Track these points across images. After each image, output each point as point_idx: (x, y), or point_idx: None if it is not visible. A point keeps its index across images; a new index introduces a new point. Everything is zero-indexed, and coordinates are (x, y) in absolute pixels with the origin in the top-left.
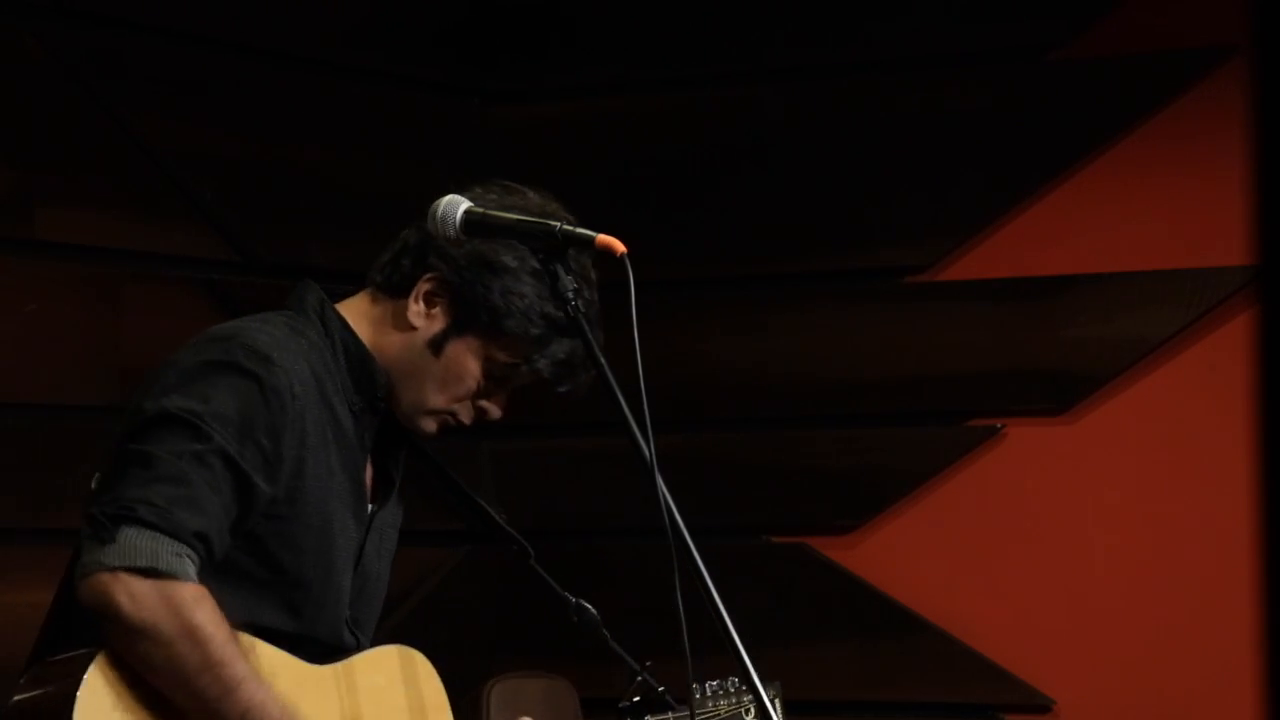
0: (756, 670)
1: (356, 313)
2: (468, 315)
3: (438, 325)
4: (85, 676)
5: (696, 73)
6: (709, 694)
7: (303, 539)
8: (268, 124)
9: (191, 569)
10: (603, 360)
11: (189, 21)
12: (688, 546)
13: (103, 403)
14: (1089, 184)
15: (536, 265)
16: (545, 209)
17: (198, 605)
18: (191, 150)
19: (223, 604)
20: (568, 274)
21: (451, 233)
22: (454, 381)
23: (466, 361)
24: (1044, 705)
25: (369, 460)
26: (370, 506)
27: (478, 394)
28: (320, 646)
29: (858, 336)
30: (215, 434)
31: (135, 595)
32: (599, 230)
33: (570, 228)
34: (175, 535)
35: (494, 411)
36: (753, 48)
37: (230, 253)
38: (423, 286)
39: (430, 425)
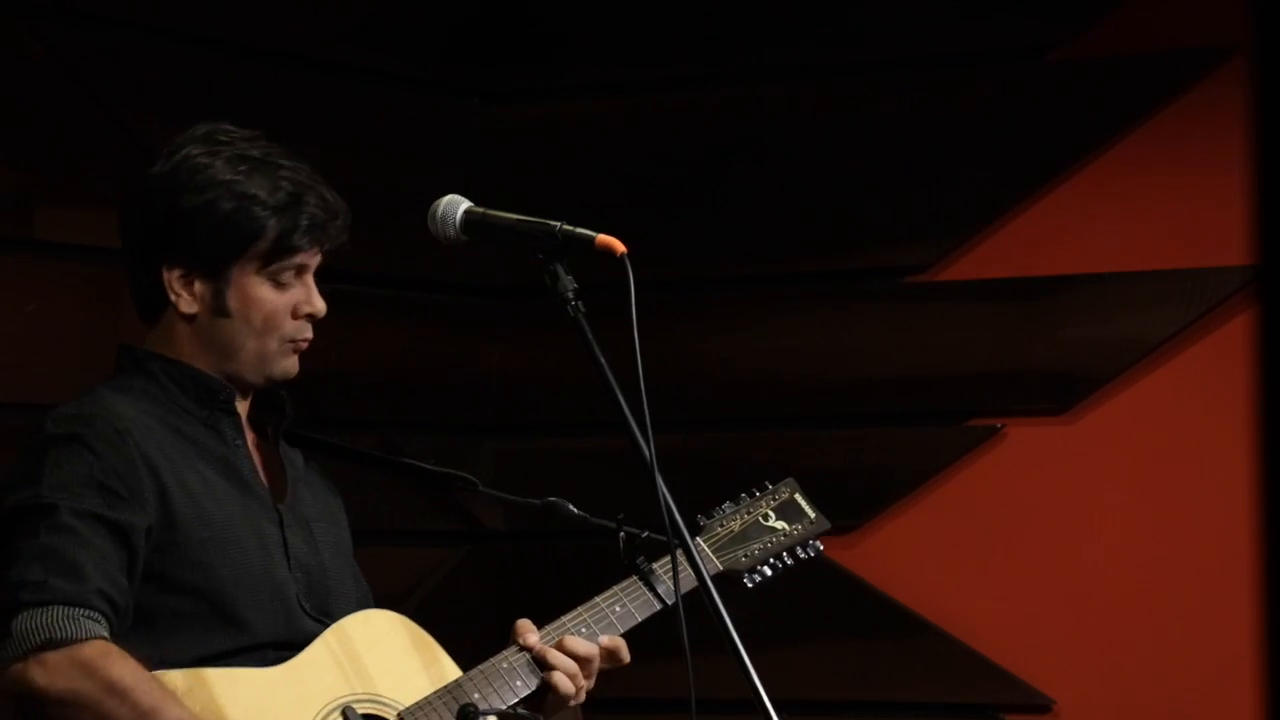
0: (756, 670)
1: (157, 343)
2: (213, 264)
3: (205, 294)
4: None
5: (696, 73)
6: (719, 517)
7: (200, 554)
8: (268, 124)
9: (95, 626)
10: (602, 360)
11: (189, 21)
12: (688, 547)
13: None
14: (1089, 184)
15: (225, 176)
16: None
17: (108, 661)
18: None
19: (169, 651)
20: (568, 274)
21: (451, 232)
22: (260, 318)
23: (252, 293)
24: (1044, 705)
25: (260, 459)
26: (276, 505)
27: (290, 306)
28: (282, 646)
29: (858, 336)
30: (59, 501)
31: (45, 670)
32: (599, 230)
33: (570, 228)
34: (63, 602)
35: (316, 307)
36: (753, 47)
37: None
38: (169, 278)
39: (285, 364)
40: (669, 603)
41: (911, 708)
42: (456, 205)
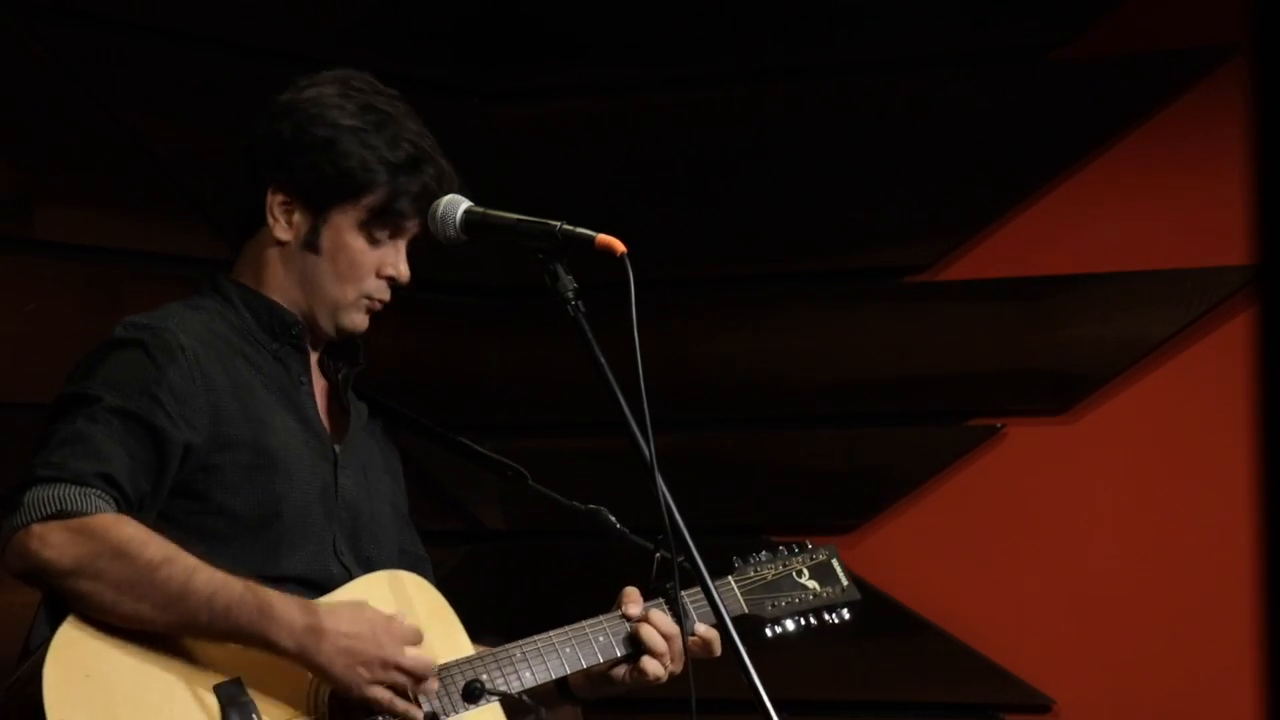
0: (756, 671)
1: (242, 268)
2: (320, 199)
3: (303, 226)
4: (48, 651)
5: (696, 73)
6: (754, 563)
7: (248, 482)
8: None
9: (104, 505)
10: (602, 360)
11: (189, 21)
12: (688, 546)
13: None
14: (1089, 184)
15: (352, 121)
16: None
17: (118, 524)
18: (191, 150)
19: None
20: (568, 274)
21: (451, 232)
22: (346, 265)
23: (345, 239)
24: (1044, 705)
25: (324, 400)
26: (335, 446)
27: (377, 265)
28: (312, 584)
29: (858, 336)
30: (104, 396)
31: (52, 542)
32: (599, 230)
33: (570, 228)
34: (76, 480)
35: (401, 273)
36: (753, 47)
37: (230, 253)
38: (272, 201)
39: (356, 318)
40: (685, 632)
41: (911, 708)
42: (456, 205)
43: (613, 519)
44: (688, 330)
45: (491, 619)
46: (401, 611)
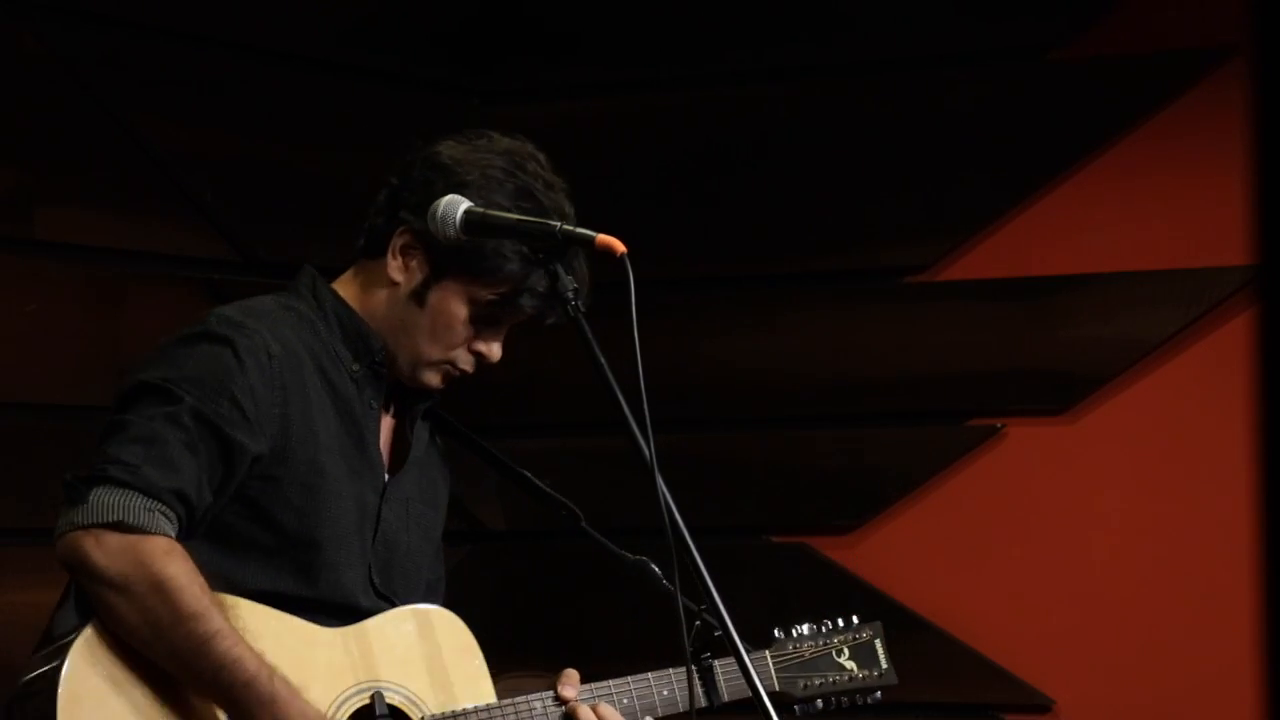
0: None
1: (347, 283)
2: (443, 261)
3: (417, 276)
4: (70, 650)
5: (696, 73)
6: (794, 638)
7: (300, 499)
8: (268, 124)
9: (165, 524)
10: (602, 360)
11: (189, 21)
12: (688, 546)
13: (103, 403)
14: (1089, 184)
15: (500, 194)
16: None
17: (168, 558)
18: (191, 150)
19: (236, 574)
20: (568, 274)
21: (451, 232)
22: (443, 329)
23: (452, 307)
24: (1044, 705)
25: (388, 429)
26: (386, 475)
27: (472, 339)
28: (339, 611)
29: (858, 336)
30: (187, 395)
31: (105, 548)
32: (599, 230)
33: (570, 228)
34: (146, 491)
35: (492, 353)
36: (753, 47)
37: (230, 253)
38: (398, 241)
39: (433, 378)
40: (711, 704)
41: (911, 708)
42: (456, 205)
43: (658, 572)
44: (688, 330)
45: (492, 619)
46: (427, 648)
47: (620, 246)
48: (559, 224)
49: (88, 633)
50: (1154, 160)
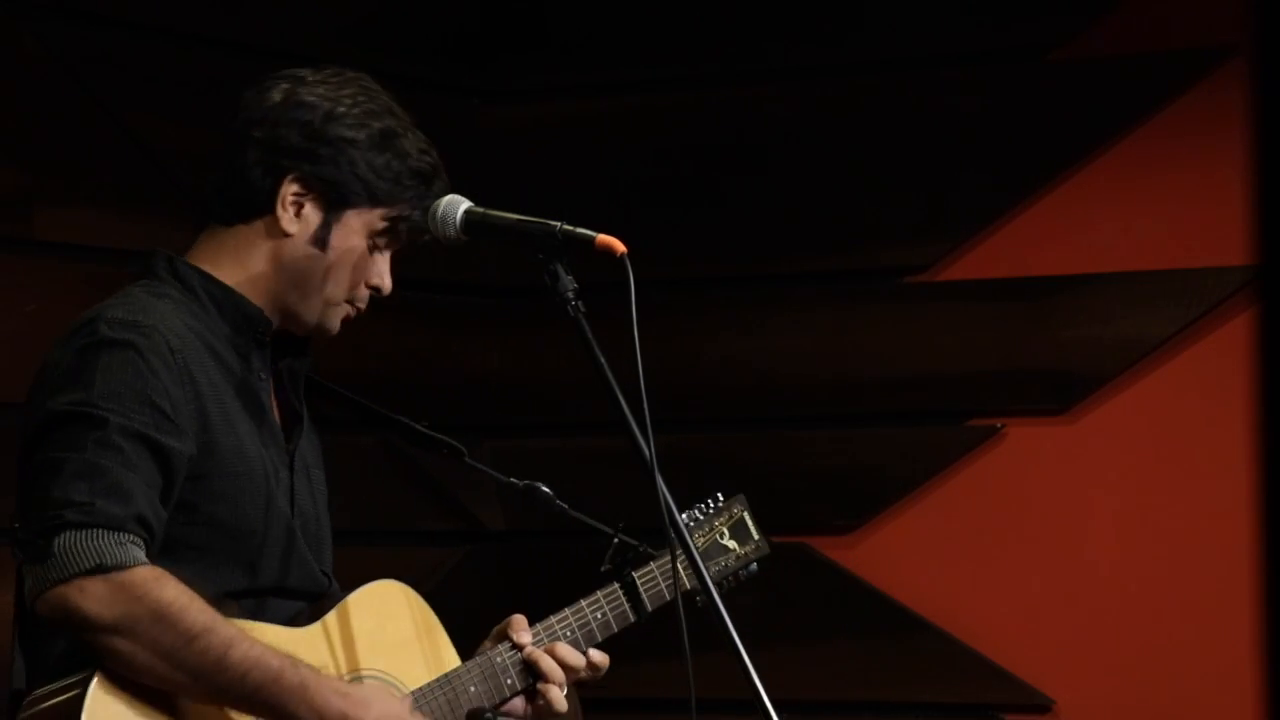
0: (756, 670)
1: (209, 257)
2: (341, 198)
3: (315, 221)
4: (85, 701)
5: (696, 73)
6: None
7: (231, 489)
8: None
9: (138, 552)
10: (602, 360)
11: (189, 21)
12: (688, 546)
13: None
14: (1089, 184)
15: (378, 126)
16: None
17: (159, 584)
18: (191, 150)
19: (186, 583)
20: (568, 274)
21: (451, 232)
22: (348, 267)
23: (353, 241)
24: (1044, 705)
25: (274, 400)
26: (288, 446)
27: (368, 272)
28: (296, 595)
29: (858, 336)
30: (109, 414)
31: (93, 596)
32: (599, 230)
33: (570, 228)
34: (108, 526)
35: (386, 283)
36: (754, 48)
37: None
38: (287, 190)
39: (336, 320)
40: (639, 618)
41: (911, 708)
42: (456, 205)
43: (552, 496)
44: (688, 330)
45: (491, 619)
46: (399, 629)
47: (620, 246)
48: (559, 224)
49: (96, 683)
50: (1154, 160)
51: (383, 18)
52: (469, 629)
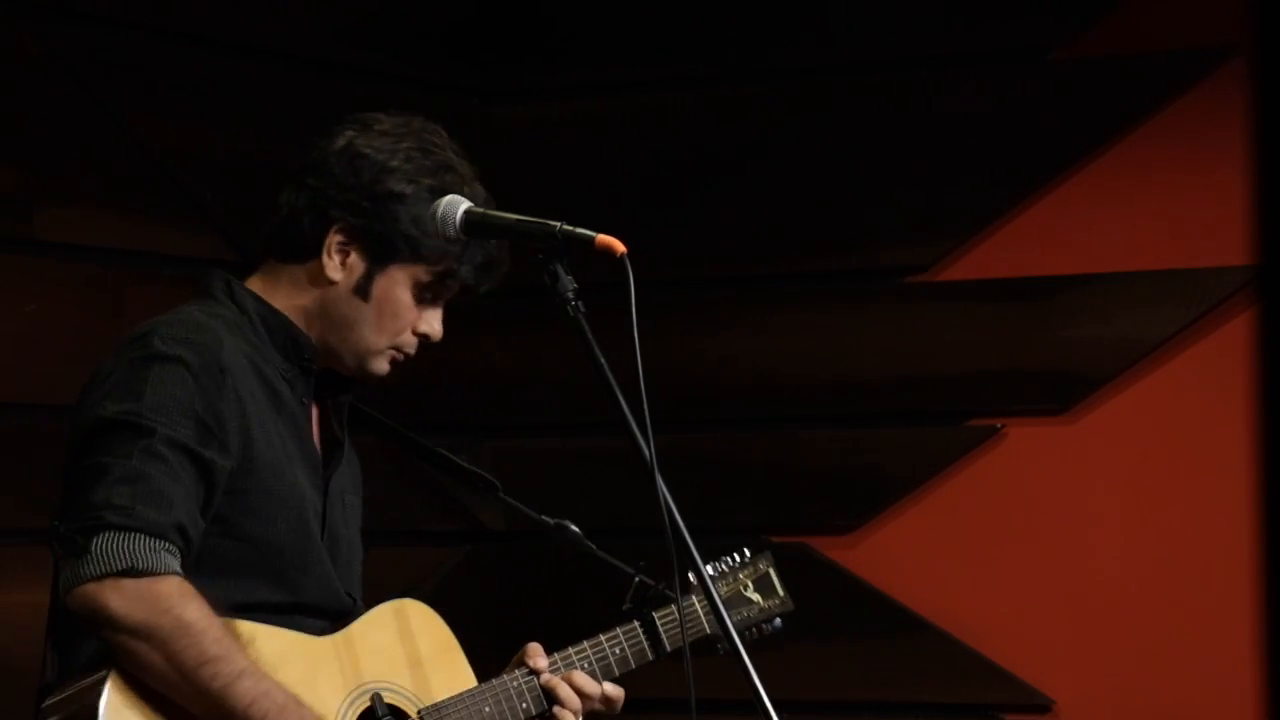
0: (756, 670)
1: (265, 285)
2: (385, 251)
3: (358, 271)
4: (103, 697)
5: (696, 73)
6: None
7: (267, 506)
8: (268, 124)
9: (172, 561)
10: (602, 360)
11: (189, 21)
12: (688, 546)
13: None
14: (1089, 184)
15: (429, 183)
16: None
17: (185, 601)
18: (191, 150)
19: (212, 593)
20: (568, 274)
21: (451, 232)
22: (390, 317)
23: (396, 294)
24: (1044, 705)
25: (314, 425)
26: (324, 472)
27: (416, 321)
28: (320, 613)
29: (858, 336)
30: (157, 425)
31: (122, 596)
32: (599, 230)
33: (570, 228)
34: (147, 531)
35: (436, 331)
36: (753, 47)
37: (230, 253)
38: (333, 239)
39: (381, 365)
40: (657, 657)
41: (911, 708)
42: (456, 205)
43: (580, 535)
44: (688, 330)
45: (491, 619)
46: (409, 648)
47: (620, 247)
48: (559, 224)
49: (112, 682)
50: (1154, 160)
51: (382, 17)
52: (469, 629)
